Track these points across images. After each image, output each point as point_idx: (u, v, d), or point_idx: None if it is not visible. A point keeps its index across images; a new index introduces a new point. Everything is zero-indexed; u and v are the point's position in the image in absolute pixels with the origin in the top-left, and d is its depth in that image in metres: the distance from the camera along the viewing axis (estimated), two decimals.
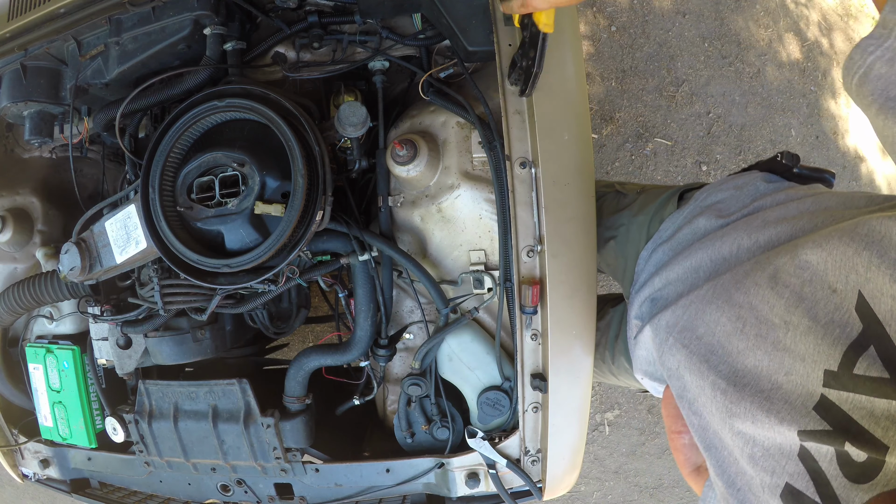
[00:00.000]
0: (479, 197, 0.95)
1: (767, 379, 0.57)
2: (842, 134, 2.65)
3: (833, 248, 0.57)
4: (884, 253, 0.53)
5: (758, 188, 0.83)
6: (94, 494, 1.26)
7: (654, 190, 1.08)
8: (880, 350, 0.50)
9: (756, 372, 0.58)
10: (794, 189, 0.81)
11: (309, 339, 2.34)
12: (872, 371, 0.50)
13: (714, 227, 0.81)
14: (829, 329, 0.54)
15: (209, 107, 0.93)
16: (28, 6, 1.03)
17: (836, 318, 0.54)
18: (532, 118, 0.87)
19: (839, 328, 0.54)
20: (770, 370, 0.57)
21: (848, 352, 0.52)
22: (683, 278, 0.78)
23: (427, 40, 0.99)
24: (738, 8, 2.52)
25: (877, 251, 0.54)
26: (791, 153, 0.85)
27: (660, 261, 0.89)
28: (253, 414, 1.05)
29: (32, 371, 1.21)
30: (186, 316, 1.06)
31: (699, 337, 0.67)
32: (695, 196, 0.92)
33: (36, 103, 1.08)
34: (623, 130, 2.42)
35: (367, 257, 0.99)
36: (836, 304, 0.55)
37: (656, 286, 0.84)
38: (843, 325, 0.53)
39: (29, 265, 1.24)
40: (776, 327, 0.58)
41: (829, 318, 0.55)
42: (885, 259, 0.53)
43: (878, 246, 0.54)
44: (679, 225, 0.89)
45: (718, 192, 0.87)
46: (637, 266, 0.95)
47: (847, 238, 0.57)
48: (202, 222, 0.93)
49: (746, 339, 0.61)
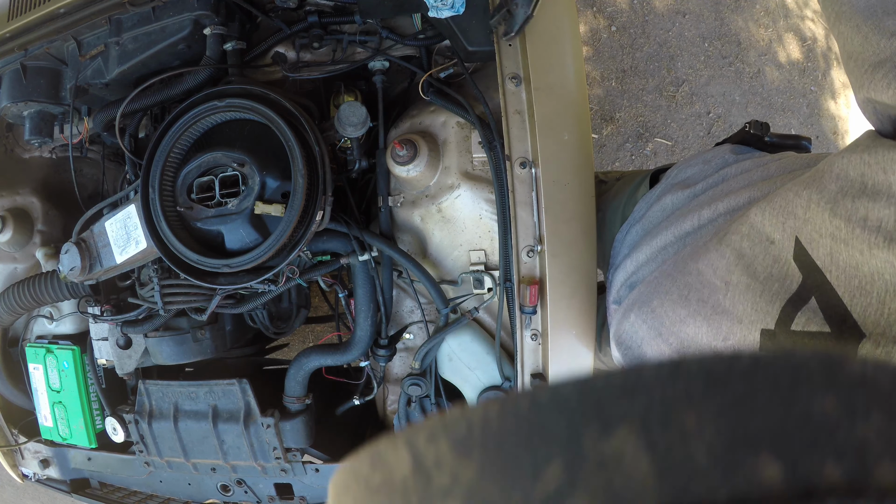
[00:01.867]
0: (479, 197, 0.95)
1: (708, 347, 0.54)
2: (842, 134, 2.65)
3: (774, 197, 0.53)
4: (823, 187, 0.48)
5: (725, 160, 0.80)
6: (94, 494, 1.26)
7: (631, 175, 1.07)
8: (822, 301, 0.46)
9: (697, 340, 0.55)
10: (761, 157, 0.77)
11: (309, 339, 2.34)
12: (812, 325, 0.46)
13: (681, 203, 0.79)
14: (767, 284, 0.50)
15: (209, 107, 0.93)
16: (28, 6, 1.03)
17: (774, 271, 0.50)
18: (532, 118, 0.87)
19: (778, 282, 0.49)
20: (709, 337, 0.54)
21: (786, 307, 0.48)
22: (653, 258, 0.77)
23: (427, 40, 0.99)
24: (738, 8, 2.52)
25: (816, 187, 0.48)
26: (760, 122, 0.82)
27: (633, 241, 0.87)
28: (253, 414, 1.05)
29: (32, 371, 1.21)
30: (186, 316, 1.06)
31: (653, 310, 0.65)
32: (665, 174, 0.91)
33: (36, 103, 1.07)
34: (623, 130, 2.42)
35: (367, 257, 0.99)
36: (775, 256, 0.50)
37: (629, 270, 0.82)
38: (782, 279, 0.49)
39: (29, 265, 1.24)
40: (717, 290, 0.55)
41: (767, 272, 0.51)
42: (825, 193, 0.47)
43: (819, 182, 0.48)
44: (650, 203, 0.88)
45: (687, 169, 0.86)
46: (613, 249, 0.94)
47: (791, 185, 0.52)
48: (202, 222, 0.93)
49: (689, 305, 0.58)
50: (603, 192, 1.07)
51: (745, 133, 0.84)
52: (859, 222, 0.43)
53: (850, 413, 0.12)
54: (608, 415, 0.13)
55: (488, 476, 0.13)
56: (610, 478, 0.12)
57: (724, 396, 0.12)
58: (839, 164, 0.47)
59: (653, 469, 0.12)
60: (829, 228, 0.45)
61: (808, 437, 0.12)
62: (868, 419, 0.12)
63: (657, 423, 0.12)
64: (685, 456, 0.12)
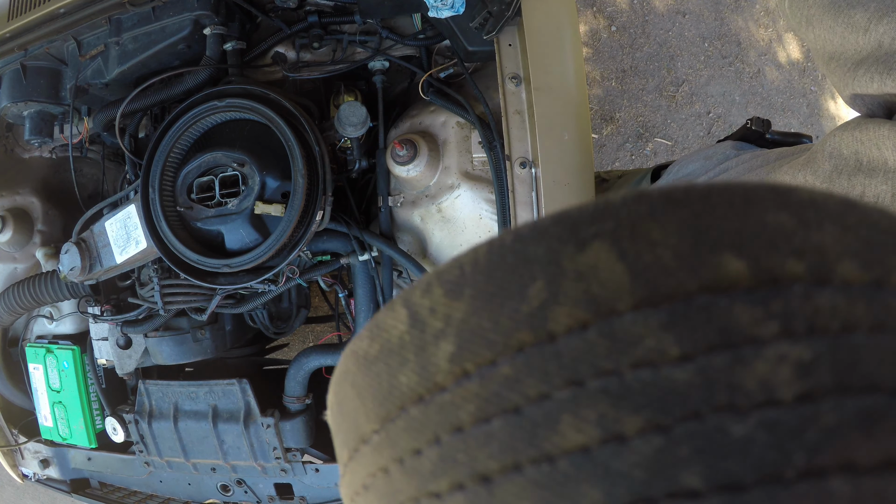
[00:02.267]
0: (479, 197, 0.95)
1: None
2: None
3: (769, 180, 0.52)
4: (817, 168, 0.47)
5: (727, 155, 0.80)
6: (94, 494, 1.26)
7: (632, 173, 1.07)
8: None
9: None
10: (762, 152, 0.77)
11: (309, 339, 2.34)
12: None
13: None
14: None
15: (209, 107, 0.93)
16: (28, 6, 1.03)
17: None
18: (532, 118, 0.87)
19: None
20: None
21: None
22: None
23: (427, 40, 0.99)
24: (738, 8, 2.52)
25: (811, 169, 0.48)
26: (761, 119, 0.82)
27: None
28: (253, 414, 1.05)
29: (32, 371, 1.21)
30: (186, 316, 1.06)
31: None
32: (667, 171, 0.91)
33: (36, 103, 1.07)
34: (623, 130, 2.42)
35: (367, 257, 0.99)
36: None
37: None
38: None
39: (29, 265, 1.24)
40: None
41: None
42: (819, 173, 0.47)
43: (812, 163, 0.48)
44: None
45: (689, 165, 0.86)
46: None
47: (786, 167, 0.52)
48: (202, 222, 0.93)
49: None
50: (604, 190, 1.07)
51: (747, 130, 0.84)
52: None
53: (804, 224, 0.13)
54: (582, 234, 0.14)
55: (478, 308, 0.14)
56: (588, 285, 0.13)
57: (682, 213, 0.14)
58: (831, 143, 0.47)
59: (626, 272, 0.13)
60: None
61: (767, 240, 0.13)
62: (822, 229, 0.13)
63: (626, 236, 0.13)
64: (654, 259, 0.13)
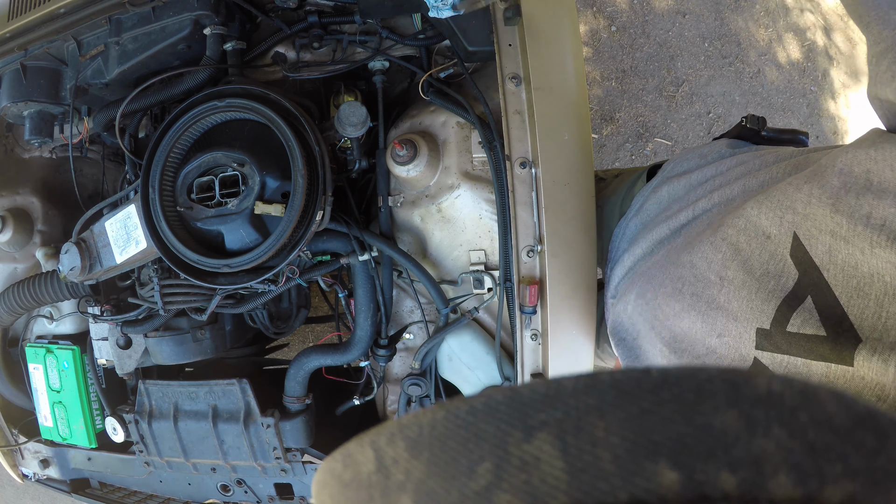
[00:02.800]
0: (479, 197, 0.95)
1: (702, 343, 0.52)
2: (841, 134, 2.65)
3: (772, 191, 0.51)
4: (825, 182, 0.46)
5: (721, 153, 0.79)
6: (94, 494, 1.26)
7: (629, 171, 1.07)
8: (818, 301, 0.44)
9: (691, 335, 0.54)
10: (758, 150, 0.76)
11: (309, 339, 2.34)
12: (807, 328, 0.44)
13: (678, 193, 0.78)
14: (763, 282, 0.48)
15: (209, 107, 0.93)
16: (28, 6, 1.03)
17: (770, 268, 0.48)
18: (532, 118, 0.87)
19: (774, 279, 0.47)
20: (703, 333, 0.53)
21: (782, 306, 0.46)
22: (650, 252, 0.76)
23: (427, 40, 0.99)
24: (738, 8, 2.52)
25: (818, 182, 0.46)
26: (756, 116, 0.81)
27: (631, 235, 0.86)
28: (253, 414, 1.05)
29: (32, 371, 1.21)
30: (186, 316, 1.06)
31: (647, 302, 0.63)
32: (661, 168, 0.90)
33: (36, 103, 1.07)
34: (623, 130, 2.42)
35: (367, 257, 0.99)
36: (771, 252, 0.48)
37: (627, 265, 0.81)
38: (778, 276, 0.47)
39: (29, 265, 1.24)
40: (712, 284, 0.53)
41: (763, 269, 0.49)
42: (827, 188, 0.45)
43: (821, 177, 0.47)
44: (646, 196, 0.87)
45: (684, 162, 0.85)
46: (611, 244, 0.93)
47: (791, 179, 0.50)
48: (202, 222, 0.93)
49: (683, 299, 0.56)
50: (601, 188, 1.07)
51: (742, 128, 0.83)
52: (862, 220, 0.42)
53: (750, 427, 0.13)
54: (530, 421, 0.14)
55: (433, 473, 0.15)
56: (529, 477, 0.14)
57: (630, 409, 0.14)
58: (843, 160, 0.45)
59: (565, 470, 0.13)
60: (830, 225, 0.43)
61: (706, 448, 0.13)
62: (768, 433, 0.13)
63: (571, 431, 0.14)
64: (593, 460, 0.13)
